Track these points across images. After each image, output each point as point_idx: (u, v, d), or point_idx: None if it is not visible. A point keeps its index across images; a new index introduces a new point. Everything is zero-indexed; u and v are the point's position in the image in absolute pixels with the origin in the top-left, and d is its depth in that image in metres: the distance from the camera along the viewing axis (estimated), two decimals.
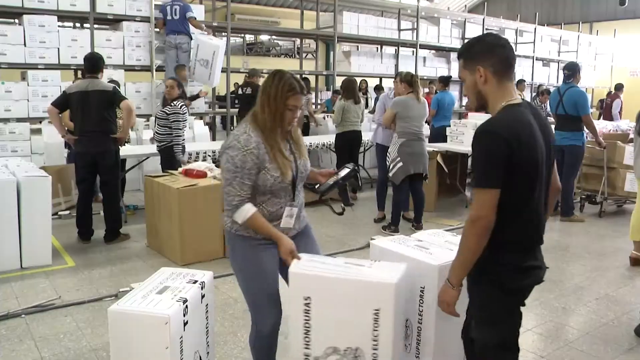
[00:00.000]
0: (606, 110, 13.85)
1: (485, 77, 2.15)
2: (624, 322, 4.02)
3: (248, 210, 2.50)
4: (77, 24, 9.67)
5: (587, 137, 7.01)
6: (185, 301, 2.35)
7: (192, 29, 8.62)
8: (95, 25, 8.29)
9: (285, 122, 2.56)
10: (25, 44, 7.52)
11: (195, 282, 2.54)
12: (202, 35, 8.68)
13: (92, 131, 5.48)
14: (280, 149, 2.56)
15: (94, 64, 5.58)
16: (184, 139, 6.27)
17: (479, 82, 2.17)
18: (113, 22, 8.58)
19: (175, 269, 2.72)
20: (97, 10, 8.02)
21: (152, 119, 8.41)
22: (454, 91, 10.85)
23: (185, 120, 6.28)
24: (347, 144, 7.57)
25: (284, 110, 2.53)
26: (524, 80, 12.57)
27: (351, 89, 7.35)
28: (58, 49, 7.77)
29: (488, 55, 2.15)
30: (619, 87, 13.59)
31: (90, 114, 5.45)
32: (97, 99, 5.45)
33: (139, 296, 2.36)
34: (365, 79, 11.72)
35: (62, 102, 5.52)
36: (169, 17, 8.40)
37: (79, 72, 8.87)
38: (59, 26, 7.91)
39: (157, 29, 8.61)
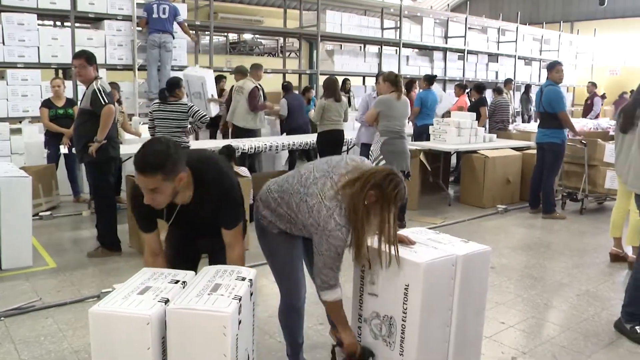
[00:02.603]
0: (589, 108, 14.08)
1: (185, 177, 2.50)
2: (604, 318, 4.07)
3: (339, 294, 2.68)
4: (58, 23, 9.57)
5: (568, 135, 7.08)
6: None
7: (176, 28, 8.58)
8: (76, 24, 8.20)
9: (394, 217, 2.62)
10: (3, 43, 7.42)
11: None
12: (190, 70, 8.73)
13: (115, 135, 5.39)
14: (363, 242, 2.60)
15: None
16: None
17: (178, 185, 2.48)
18: (94, 20, 8.51)
19: (157, 269, 2.70)
20: (77, 9, 7.94)
21: (136, 118, 8.35)
22: (437, 90, 10.89)
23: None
24: (329, 143, 7.56)
25: (394, 211, 2.59)
26: (512, 80, 12.66)
27: (332, 88, 7.35)
28: (38, 47, 7.68)
29: (182, 161, 2.47)
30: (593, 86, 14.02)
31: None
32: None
33: (120, 297, 2.33)
34: (349, 77, 11.73)
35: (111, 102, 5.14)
36: (154, 15, 8.33)
37: (60, 72, 8.79)
38: (38, 24, 7.82)
39: (140, 28, 8.55)
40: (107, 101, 4.98)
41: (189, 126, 6.21)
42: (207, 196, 2.62)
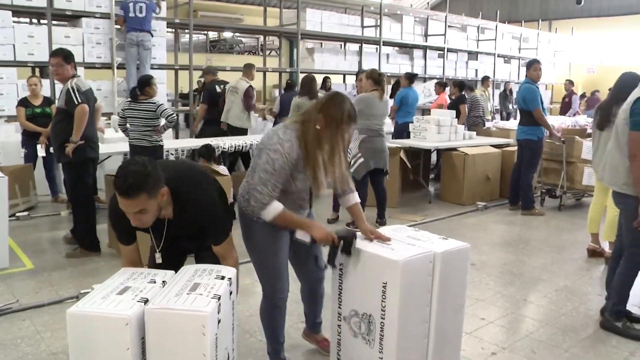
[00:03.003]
0: (566, 105, 14.28)
1: (166, 192, 2.52)
2: (582, 312, 4.13)
3: (276, 207, 2.69)
4: (34, 20, 9.43)
5: (546, 132, 7.15)
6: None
7: (154, 25, 8.53)
8: (53, 22, 8.09)
9: (342, 145, 2.74)
10: None
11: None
12: None
13: (95, 135, 5.24)
14: (320, 166, 2.73)
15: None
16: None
17: (161, 201, 2.51)
18: (72, 18, 8.40)
19: (137, 268, 2.68)
20: (54, 6, 7.83)
21: (115, 117, 8.27)
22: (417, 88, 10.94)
23: None
24: None
25: (342, 134, 2.71)
26: (489, 77, 12.77)
27: (307, 86, 7.33)
28: (13, 45, 7.56)
29: (161, 176, 2.48)
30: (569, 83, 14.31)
31: (92, 116, 5.15)
32: (94, 98, 5.25)
33: (99, 297, 2.31)
34: (329, 76, 11.72)
35: (87, 102, 4.98)
36: (131, 14, 8.26)
37: (37, 70, 8.68)
38: (14, 22, 7.70)
39: (118, 26, 8.47)
40: (80, 100, 4.88)
41: (162, 124, 6.15)
42: (188, 211, 2.64)
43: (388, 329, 2.67)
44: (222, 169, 6.10)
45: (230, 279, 2.47)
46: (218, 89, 8.15)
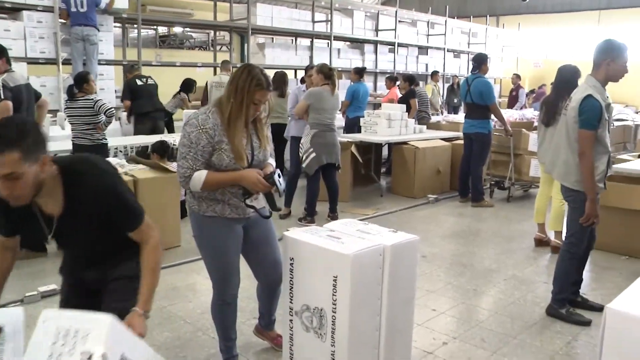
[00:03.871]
0: (513, 99, 14.65)
1: (48, 162, 2.06)
2: (529, 300, 4.24)
3: (200, 175, 2.70)
4: None
5: (494, 125, 7.31)
6: None
7: (101, 20, 8.32)
8: None
9: (250, 114, 2.76)
10: None
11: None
12: None
13: None
14: (238, 135, 2.75)
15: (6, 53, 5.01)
16: None
17: (42, 171, 2.03)
18: (12, 10, 8.08)
19: None
20: None
21: (60, 114, 8.02)
22: (368, 82, 11.01)
23: None
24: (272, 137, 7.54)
25: (249, 102, 2.73)
26: (438, 72, 12.97)
27: (278, 83, 7.34)
28: None
29: (44, 142, 2.06)
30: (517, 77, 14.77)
31: (30, 112, 4.96)
32: (32, 94, 5.07)
33: None
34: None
35: (15, 98, 4.80)
36: (73, 9, 8.01)
37: None
38: None
39: (63, 20, 8.20)
40: (2, 97, 4.72)
41: (102, 120, 6.02)
42: (84, 198, 2.17)
43: (339, 323, 2.67)
44: (174, 166, 6.01)
45: (104, 354, 1.75)
46: (139, 82, 8.15)
